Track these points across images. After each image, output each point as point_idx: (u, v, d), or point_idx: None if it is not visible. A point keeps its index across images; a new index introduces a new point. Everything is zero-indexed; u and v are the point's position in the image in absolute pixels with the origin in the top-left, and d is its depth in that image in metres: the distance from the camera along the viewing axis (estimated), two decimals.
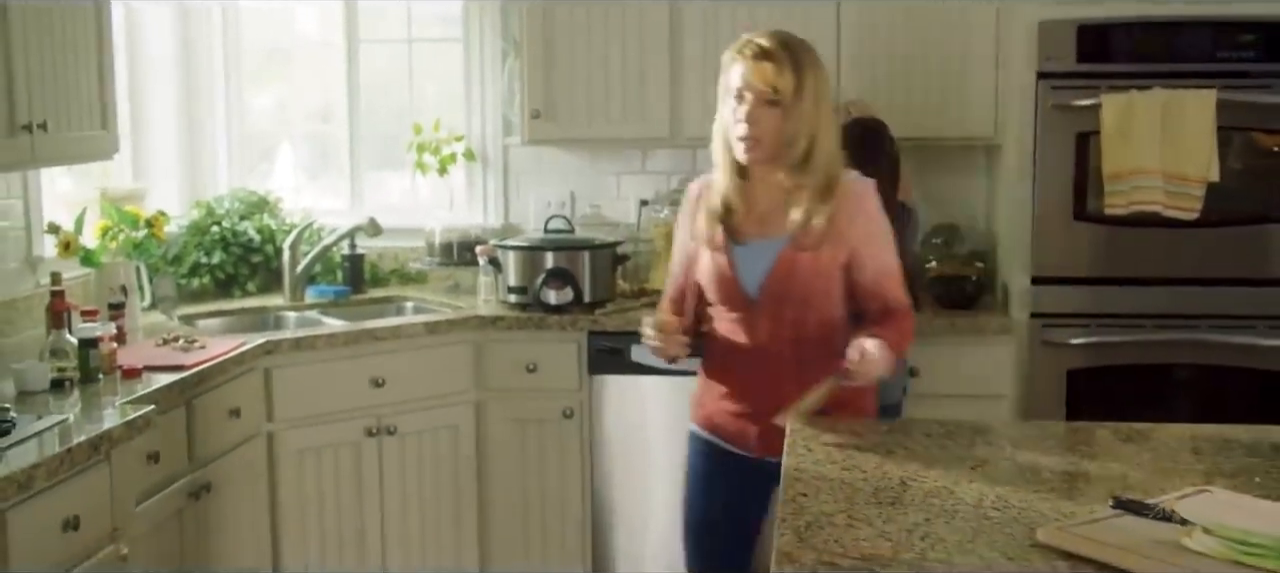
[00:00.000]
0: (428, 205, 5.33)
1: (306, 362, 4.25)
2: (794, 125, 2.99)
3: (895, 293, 3.14)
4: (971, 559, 2.11)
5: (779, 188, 3.08)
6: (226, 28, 5.36)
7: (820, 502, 2.43)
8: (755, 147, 3.02)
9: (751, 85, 2.98)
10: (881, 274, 3.12)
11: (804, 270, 3.06)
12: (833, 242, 3.05)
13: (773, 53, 2.98)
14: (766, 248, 3.08)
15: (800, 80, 2.98)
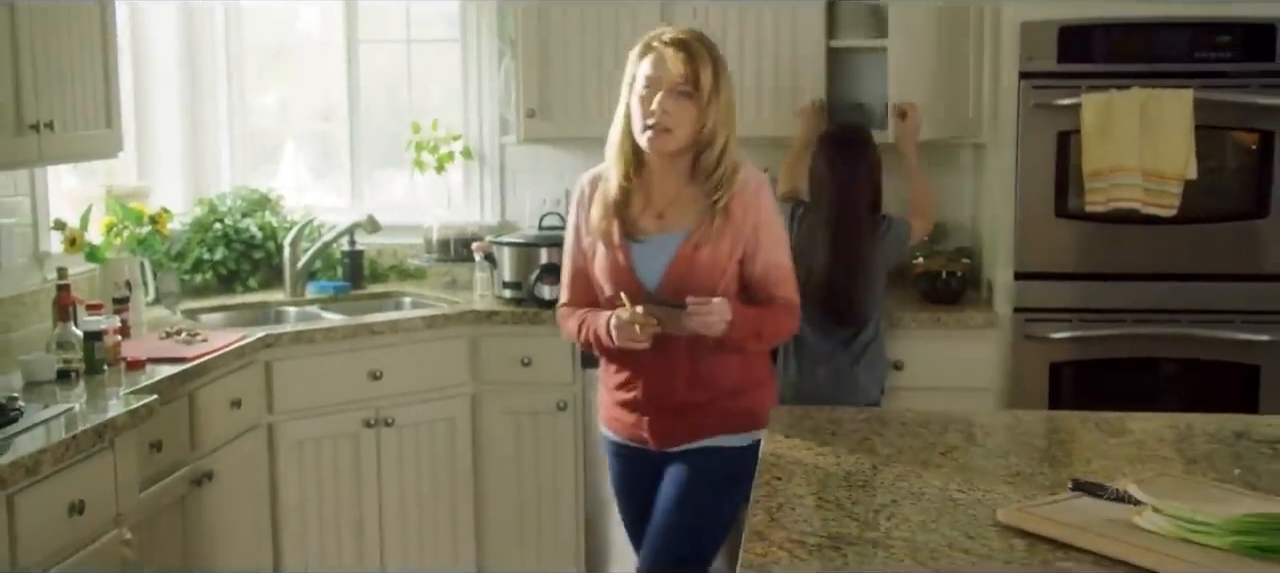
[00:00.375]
0: (426, 203, 5.43)
1: (306, 355, 4.35)
2: (707, 119, 3.05)
3: (783, 289, 3.20)
4: (933, 538, 2.21)
5: (677, 183, 3.13)
6: (229, 27, 5.47)
7: (793, 485, 2.53)
8: (665, 137, 3.06)
9: (668, 75, 3.03)
10: (770, 267, 3.17)
11: (702, 265, 3.09)
12: (730, 236, 3.10)
13: (691, 45, 3.05)
14: (665, 243, 3.12)
15: (717, 77, 3.05)
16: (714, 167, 3.09)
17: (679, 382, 3.19)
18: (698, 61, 3.03)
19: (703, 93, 3.03)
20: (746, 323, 3.11)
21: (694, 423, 3.22)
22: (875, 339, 4.17)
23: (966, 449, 2.78)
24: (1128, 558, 2.07)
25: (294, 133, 5.70)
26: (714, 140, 3.07)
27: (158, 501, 3.59)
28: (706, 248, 3.09)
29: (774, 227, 3.19)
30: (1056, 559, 2.10)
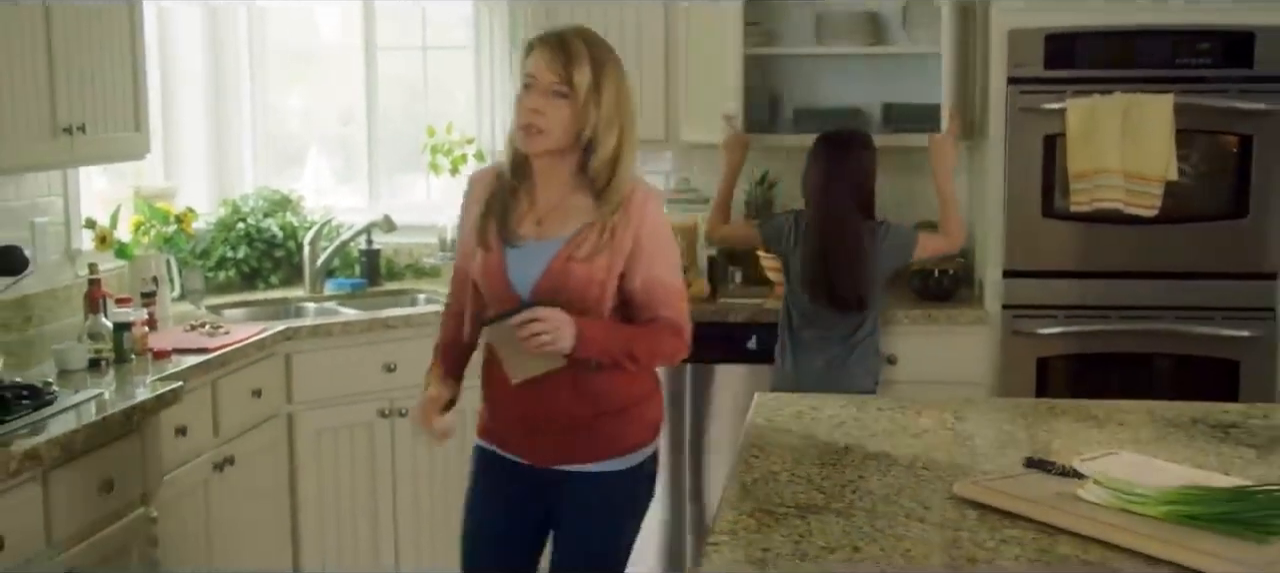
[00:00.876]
0: (440, 204, 5.63)
1: (324, 348, 4.56)
2: (584, 122, 2.85)
3: (668, 309, 2.97)
4: (892, 508, 2.40)
5: (561, 188, 2.95)
6: (252, 29, 5.68)
7: (769, 461, 2.72)
8: (537, 136, 2.87)
9: (542, 73, 2.85)
10: (653, 284, 2.94)
11: (577, 277, 2.89)
12: (610, 249, 2.89)
13: (570, 44, 2.86)
14: (541, 250, 2.92)
15: (598, 78, 2.85)
16: (600, 174, 2.89)
17: (561, 396, 2.95)
18: (572, 60, 2.83)
19: (578, 93, 2.83)
20: (616, 341, 2.90)
21: (578, 443, 2.99)
22: (871, 334, 4.36)
23: (937, 432, 2.96)
24: (1069, 527, 2.26)
25: (317, 137, 5.91)
26: (596, 145, 2.86)
27: (182, 482, 3.80)
28: (583, 259, 2.89)
29: (660, 242, 2.95)
30: (1004, 527, 2.28)
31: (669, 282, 2.97)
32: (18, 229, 4.17)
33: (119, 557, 3.35)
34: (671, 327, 2.97)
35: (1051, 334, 4.58)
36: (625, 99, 2.91)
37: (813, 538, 2.24)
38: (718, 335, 4.77)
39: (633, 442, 3.02)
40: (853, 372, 4.32)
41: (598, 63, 2.86)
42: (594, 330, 2.86)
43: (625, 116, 2.90)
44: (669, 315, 2.96)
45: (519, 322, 2.79)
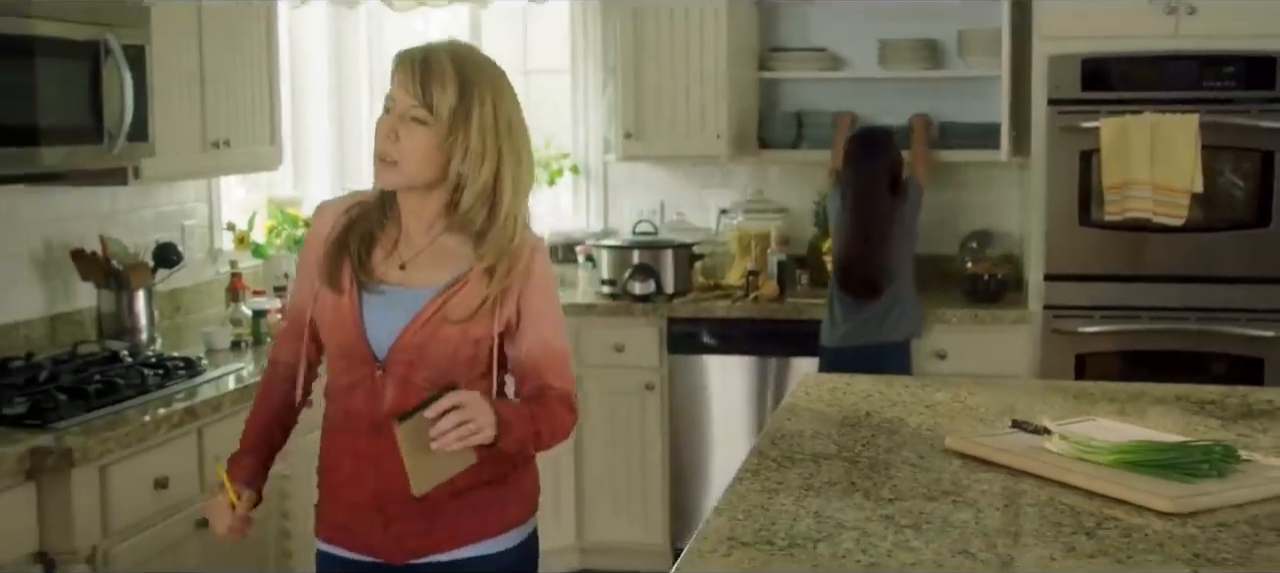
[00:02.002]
0: (539, 212, 6.17)
1: None
2: (449, 154, 2.40)
3: (558, 379, 2.53)
4: (892, 457, 2.91)
5: (430, 229, 2.49)
6: (371, 48, 6.29)
7: (798, 422, 3.24)
8: (390, 169, 2.42)
9: (400, 96, 2.42)
10: (541, 350, 2.52)
11: (449, 334, 2.44)
12: (490, 308, 2.46)
13: (432, 61, 2.41)
14: (405, 299, 2.46)
15: (466, 102, 2.39)
16: (474, 214, 2.45)
17: (382, 473, 2.46)
18: (432, 80, 2.38)
19: (439, 119, 2.38)
20: (522, 423, 2.43)
21: (443, 526, 2.50)
22: (897, 299, 4.90)
23: (948, 404, 3.44)
24: (1033, 470, 2.74)
25: None
26: (466, 181, 2.42)
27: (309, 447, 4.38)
28: (458, 315, 2.44)
29: (548, 302, 2.55)
30: (980, 471, 2.77)
31: (558, 348, 2.55)
32: (170, 231, 4.80)
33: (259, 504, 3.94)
34: (564, 400, 2.54)
35: (1088, 332, 5.02)
36: (507, 126, 2.44)
37: (820, 476, 2.76)
38: (789, 332, 5.29)
39: (512, 517, 2.57)
40: (892, 323, 4.89)
41: (465, 83, 2.40)
42: (512, 414, 2.42)
43: (506, 147, 2.43)
44: (560, 387, 2.53)
45: (436, 413, 2.28)
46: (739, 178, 5.91)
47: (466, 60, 2.44)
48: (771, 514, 2.49)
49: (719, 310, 5.39)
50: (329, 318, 2.51)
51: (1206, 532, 2.38)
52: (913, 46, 5.53)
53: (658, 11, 5.54)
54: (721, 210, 5.89)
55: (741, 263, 5.63)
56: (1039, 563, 2.25)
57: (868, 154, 4.90)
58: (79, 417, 3.42)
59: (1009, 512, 2.54)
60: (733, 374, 5.32)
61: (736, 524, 2.44)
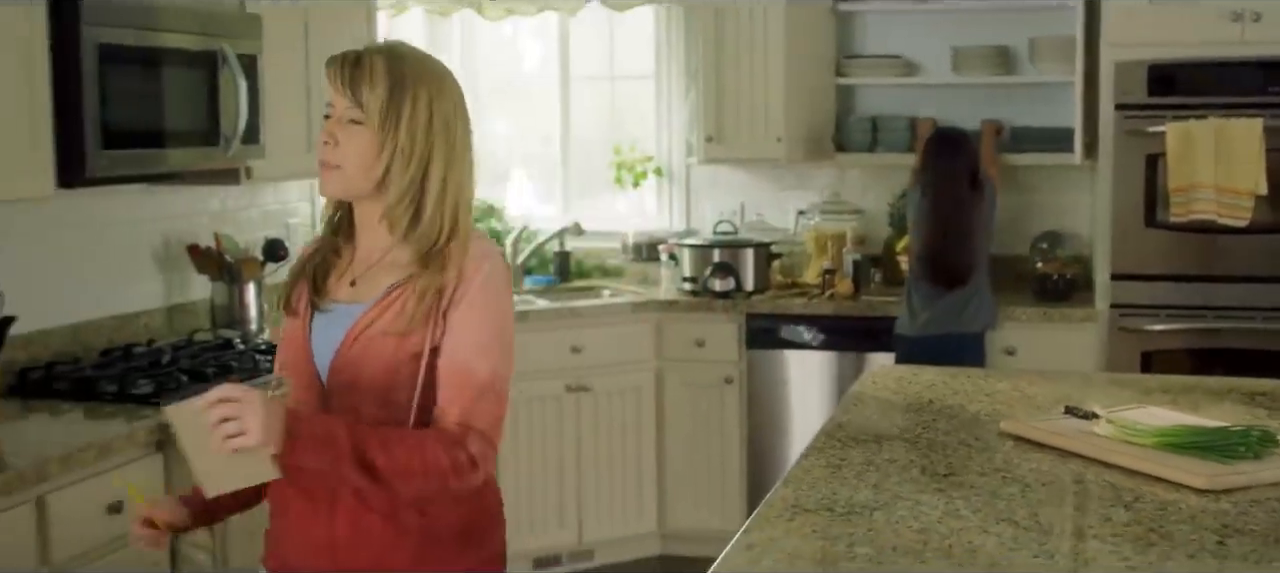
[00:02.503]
0: (624, 213, 6.45)
1: (521, 331, 5.36)
2: (385, 155, 2.29)
3: (454, 408, 2.27)
4: (948, 438, 3.12)
5: (382, 240, 2.36)
6: (465, 55, 6.57)
7: (864, 407, 3.46)
8: (330, 173, 2.32)
9: (336, 98, 2.32)
10: (449, 369, 2.28)
11: (382, 352, 2.29)
12: (423, 319, 2.28)
13: (362, 63, 2.31)
14: (346, 315, 2.35)
15: (396, 100, 2.29)
16: (397, 217, 2.32)
17: (369, 516, 2.32)
18: (362, 78, 2.29)
19: (371, 118, 2.28)
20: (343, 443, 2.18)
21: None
22: (975, 291, 5.10)
23: (1008, 394, 3.64)
24: (1080, 451, 2.94)
25: (519, 155, 6.78)
26: (391, 181, 2.30)
27: None
28: (390, 330, 2.29)
29: (473, 317, 2.29)
30: (1031, 452, 2.98)
31: (472, 372, 2.28)
32: (276, 228, 5.12)
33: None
34: (451, 439, 2.25)
35: (1154, 331, 5.18)
36: (443, 126, 2.34)
37: (881, 454, 2.98)
38: (863, 328, 5.50)
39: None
40: (969, 314, 5.09)
41: (397, 81, 2.30)
42: (313, 427, 2.19)
43: (437, 145, 2.32)
44: (455, 420, 2.27)
45: (205, 404, 2.11)
46: (816, 180, 6.12)
47: (401, 59, 2.35)
48: (833, 486, 2.72)
49: (796, 307, 5.61)
50: (285, 340, 2.44)
51: (1238, 507, 2.57)
52: (985, 53, 5.71)
53: (738, 19, 5.77)
54: (799, 211, 6.10)
55: (818, 262, 5.84)
56: (1077, 532, 2.46)
57: (947, 153, 5.11)
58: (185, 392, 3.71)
59: (1053, 487, 2.74)
60: (809, 368, 5.53)
61: (801, 494, 2.67)
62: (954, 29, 5.81)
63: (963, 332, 5.09)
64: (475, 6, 6.11)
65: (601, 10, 6.20)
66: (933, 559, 2.28)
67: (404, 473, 2.21)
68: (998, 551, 2.33)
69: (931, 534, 2.41)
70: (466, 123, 2.42)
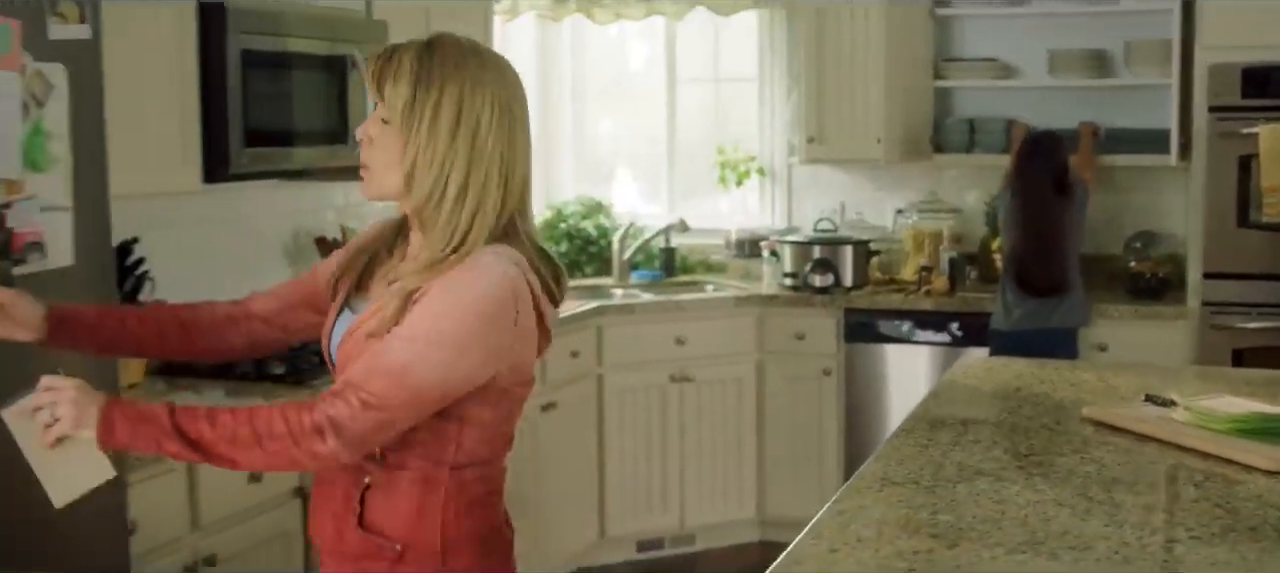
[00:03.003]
0: (727, 211, 6.67)
1: (628, 324, 5.66)
2: (409, 155, 2.17)
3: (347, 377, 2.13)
4: (1033, 423, 3.30)
5: (418, 242, 2.27)
6: (575, 58, 6.83)
7: (954, 394, 3.65)
8: (365, 175, 2.25)
9: (371, 96, 2.23)
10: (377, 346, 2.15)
11: (365, 353, 2.18)
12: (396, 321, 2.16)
13: (391, 59, 2.20)
14: (357, 315, 2.29)
15: (419, 98, 2.16)
16: (424, 214, 2.21)
17: (346, 522, 2.25)
18: (387, 76, 2.19)
19: (395, 117, 2.18)
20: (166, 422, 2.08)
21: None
22: (1069, 291, 5.25)
23: (1092, 384, 3.81)
24: (1157, 435, 3.11)
25: (625, 155, 7.03)
26: (416, 182, 2.18)
27: None
28: (368, 331, 2.20)
29: (421, 310, 2.14)
30: (1110, 436, 3.15)
31: (385, 349, 2.13)
32: None
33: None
34: (301, 404, 2.10)
35: (1245, 328, 5.29)
36: (472, 128, 2.18)
37: (967, 436, 3.17)
38: (958, 324, 5.67)
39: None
40: (1062, 312, 5.25)
41: (422, 77, 2.17)
42: (131, 408, 2.10)
43: (459, 149, 2.17)
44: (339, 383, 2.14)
45: (35, 404, 2.08)
46: (914, 180, 6.29)
47: (432, 54, 2.20)
48: (920, 463, 2.92)
49: (893, 302, 5.80)
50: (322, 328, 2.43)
51: None
52: (1081, 56, 5.85)
53: (839, 23, 5.97)
54: (897, 210, 6.28)
55: (915, 259, 6.02)
56: (1145, 507, 2.64)
57: (1034, 157, 5.27)
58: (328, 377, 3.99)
59: (1128, 467, 2.91)
60: (904, 361, 5.71)
61: (890, 469, 2.87)
62: (1051, 33, 5.96)
63: (1056, 328, 5.25)
64: (586, 11, 6.36)
65: (707, 14, 6.42)
66: (1009, 527, 2.47)
67: (231, 440, 2.07)
68: (1070, 521, 2.51)
69: (1009, 506, 2.60)
70: (511, 122, 2.23)
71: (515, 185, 2.23)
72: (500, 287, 2.15)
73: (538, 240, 2.31)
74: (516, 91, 2.26)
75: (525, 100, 2.28)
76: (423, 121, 2.16)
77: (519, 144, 2.23)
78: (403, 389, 2.10)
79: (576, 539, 5.53)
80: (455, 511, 2.24)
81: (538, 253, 2.28)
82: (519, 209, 2.25)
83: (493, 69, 2.24)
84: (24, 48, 2.79)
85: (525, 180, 2.25)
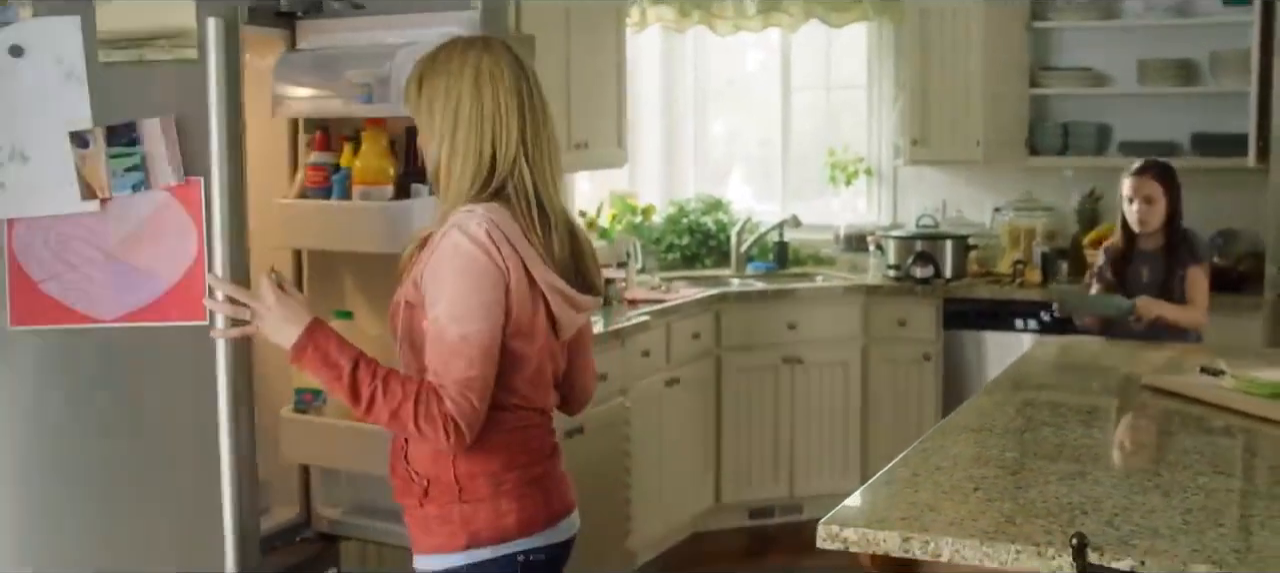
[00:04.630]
0: (836, 208, 7.19)
1: (744, 309, 6.20)
2: (422, 140, 2.60)
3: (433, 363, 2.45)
4: (1094, 388, 3.79)
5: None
6: (697, 67, 7.37)
7: (1032, 367, 4.15)
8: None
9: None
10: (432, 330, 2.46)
11: (400, 314, 2.57)
12: (411, 281, 2.54)
13: (411, 71, 2.62)
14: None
15: (422, 97, 2.56)
16: (442, 190, 2.59)
17: (398, 462, 2.64)
18: (407, 91, 2.62)
19: (414, 114, 2.61)
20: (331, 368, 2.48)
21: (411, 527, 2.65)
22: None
23: (1154, 357, 4.27)
24: (1205, 397, 3.59)
25: (740, 156, 7.57)
26: (428, 160, 2.61)
27: (645, 390, 5.50)
28: (403, 297, 2.57)
29: (440, 279, 2.46)
30: (1164, 400, 3.63)
31: (446, 333, 2.44)
32: None
33: (608, 428, 5.08)
34: (424, 393, 2.44)
35: None
36: (454, 105, 2.52)
37: (1039, 397, 3.68)
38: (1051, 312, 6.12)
39: (428, 542, 2.61)
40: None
41: (423, 79, 2.57)
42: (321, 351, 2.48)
43: (448, 125, 2.53)
44: (432, 380, 2.45)
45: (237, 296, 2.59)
46: (1011, 180, 6.75)
47: (433, 57, 2.58)
48: (994, 417, 3.44)
49: (989, 293, 6.27)
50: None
51: None
52: (1169, 65, 6.28)
53: (942, 34, 6.46)
54: (995, 208, 6.75)
55: (1010, 254, 6.49)
56: (1185, 449, 3.13)
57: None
58: None
59: (1176, 420, 3.41)
60: (999, 347, 6.17)
61: (968, 419, 3.40)
62: (1141, 43, 6.39)
63: None
64: (707, 23, 6.91)
65: (819, 26, 6.94)
66: (1064, 463, 2.98)
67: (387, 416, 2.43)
68: (1118, 457, 3.02)
69: (1066, 447, 3.12)
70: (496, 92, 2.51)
71: (504, 148, 2.51)
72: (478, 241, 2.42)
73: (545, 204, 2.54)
74: (503, 68, 2.53)
75: (518, 77, 2.55)
76: (423, 111, 2.54)
77: (504, 111, 2.51)
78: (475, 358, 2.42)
79: (694, 505, 6.08)
80: (466, 452, 2.51)
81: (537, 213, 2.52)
82: (513, 172, 2.52)
83: (482, 54, 2.54)
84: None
85: (521, 146, 2.52)
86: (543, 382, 2.60)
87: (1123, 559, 2.28)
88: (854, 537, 2.54)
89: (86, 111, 2.41)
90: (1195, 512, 2.56)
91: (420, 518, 2.59)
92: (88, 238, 2.46)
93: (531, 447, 2.60)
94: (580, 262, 2.64)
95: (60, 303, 2.43)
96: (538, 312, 2.52)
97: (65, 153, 2.37)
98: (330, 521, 3.31)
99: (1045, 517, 2.54)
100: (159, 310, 2.56)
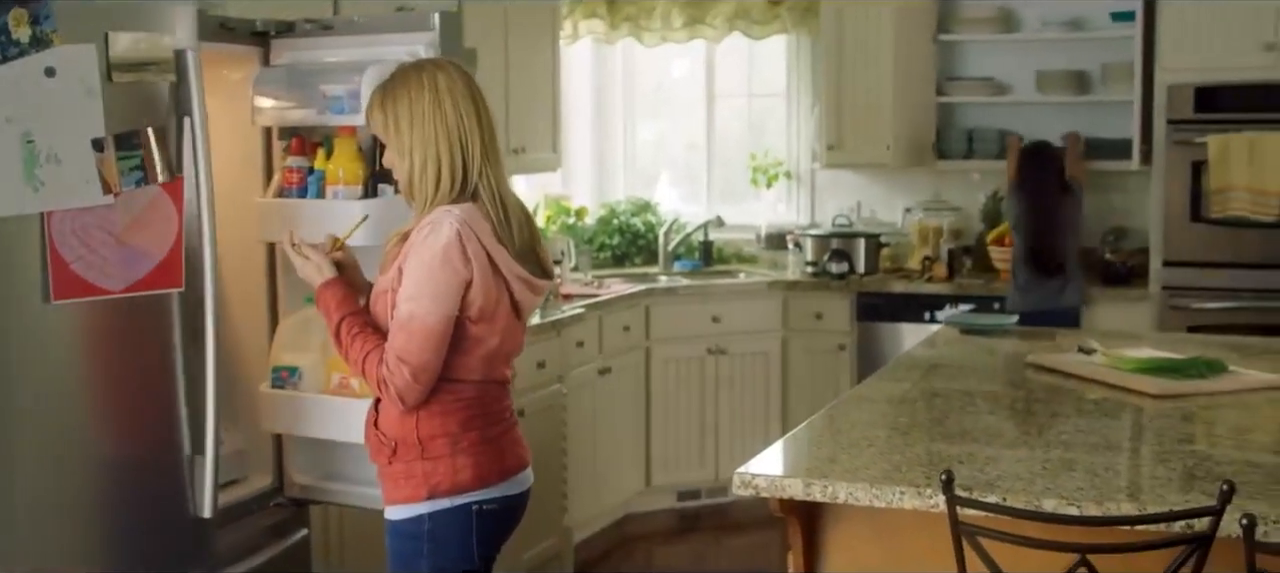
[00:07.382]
0: (757, 209, 7.62)
1: (672, 303, 6.62)
2: (391, 156, 2.95)
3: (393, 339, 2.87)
4: (985, 367, 4.24)
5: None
6: (626, 77, 7.78)
7: (928, 350, 4.59)
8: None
9: None
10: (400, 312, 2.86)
11: (374, 300, 3.00)
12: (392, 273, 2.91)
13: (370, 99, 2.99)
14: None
15: (384, 111, 2.92)
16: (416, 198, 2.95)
17: (370, 426, 3.05)
18: (368, 113, 3.00)
19: (379, 133, 2.97)
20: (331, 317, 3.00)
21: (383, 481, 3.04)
22: (1070, 275, 6.22)
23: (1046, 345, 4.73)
24: (1078, 373, 4.04)
25: (667, 160, 7.99)
26: (399, 173, 2.96)
27: (580, 377, 5.91)
28: (378, 279, 2.99)
29: (412, 270, 2.85)
30: (1042, 375, 4.08)
31: (405, 314, 2.84)
32: None
33: (546, 412, 5.47)
34: (375, 354, 2.89)
35: (1199, 308, 6.18)
36: (421, 118, 2.88)
37: (934, 373, 4.12)
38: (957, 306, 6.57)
39: (396, 494, 2.98)
40: (1067, 294, 6.22)
41: (382, 100, 2.93)
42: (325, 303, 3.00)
43: (420, 136, 2.88)
44: (392, 353, 2.86)
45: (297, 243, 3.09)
46: (920, 182, 7.22)
47: (391, 81, 2.95)
48: (892, 387, 3.87)
49: (900, 287, 6.73)
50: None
51: (1176, 405, 3.66)
52: (1063, 76, 6.78)
53: (856, 47, 6.92)
54: (905, 209, 7.22)
55: (920, 251, 6.96)
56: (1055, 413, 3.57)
57: (1040, 163, 6.28)
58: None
59: (1050, 391, 3.86)
60: (909, 337, 6.57)
61: (869, 390, 3.84)
62: (1038, 56, 6.89)
63: (1061, 308, 6.16)
64: (636, 35, 7.33)
65: (742, 38, 7.37)
66: (950, 425, 3.42)
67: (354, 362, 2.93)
68: (994, 422, 3.47)
69: (952, 413, 3.56)
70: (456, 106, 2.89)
71: (472, 154, 2.89)
72: (446, 238, 2.81)
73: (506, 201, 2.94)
74: (456, 84, 2.90)
75: (470, 90, 2.93)
76: (390, 130, 2.90)
77: (466, 121, 2.89)
78: (414, 334, 2.83)
79: (625, 488, 6.50)
80: (428, 416, 2.90)
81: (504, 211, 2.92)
82: (482, 175, 2.90)
83: (435, 73, 2.91)
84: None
85: (484, 151, 2.90)
86: (501, 357, 2.99)
87: (988, 496, 2.72)
88: (764, 484, 2.97)
89: (101, 122, 2.80)
90: (1053, 462, 3.01)
91: (389, 474, 2.97)
92: (101, 225, 2.86)
93: (489, 413, 2.97)
94: (537, 248, 3.03)
95: (83, 279, 2.82)
96: (501, 297, 2.91)
97: (88, 156, 2.77)
98: (302, 486, 3.69)
99: (927, 466, 2.97)
100: (150, 282, 3.01)
